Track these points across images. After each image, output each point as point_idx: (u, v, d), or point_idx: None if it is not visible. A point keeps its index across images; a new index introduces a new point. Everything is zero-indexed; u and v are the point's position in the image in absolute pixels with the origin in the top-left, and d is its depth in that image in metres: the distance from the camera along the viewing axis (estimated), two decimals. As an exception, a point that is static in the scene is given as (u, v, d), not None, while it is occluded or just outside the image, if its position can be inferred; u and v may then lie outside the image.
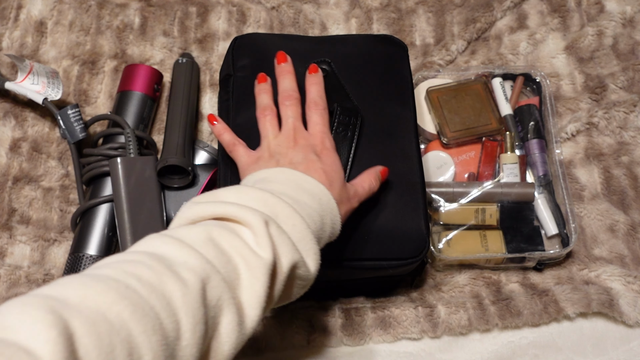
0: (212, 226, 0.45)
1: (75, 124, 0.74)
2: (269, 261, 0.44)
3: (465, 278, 0.73)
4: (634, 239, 0.75)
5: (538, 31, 0.88)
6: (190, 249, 0.41)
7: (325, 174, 0.54)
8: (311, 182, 0.52)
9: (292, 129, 0.58)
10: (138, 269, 0.38)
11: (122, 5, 0.90)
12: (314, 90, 0.61)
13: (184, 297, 0.39)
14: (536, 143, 0.77)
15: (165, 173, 0.73)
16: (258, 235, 0.45)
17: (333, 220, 0.53)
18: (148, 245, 0.42)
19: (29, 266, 0.74)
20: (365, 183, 0.58)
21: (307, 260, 0.48)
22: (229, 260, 0.43)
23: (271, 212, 0.47)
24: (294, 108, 0.59)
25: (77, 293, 0.35)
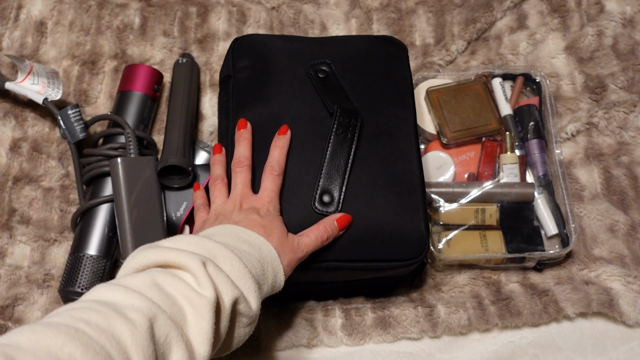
0: (155, 272, 0.47)
1: (75, 124, 0.74)
2: (212, 299, 0.46)
3: (465, 278, 0.73)
4: (634, 239, 0.75)
5: (538, 31, 0.88)
6: (135, 293, 0.44)
7: (264, 227, 0.57)
8: (250, 234, 0.55)
9: (238, 195, 0.61)
10: (86, 314, 0.40)
11: (122, 5, 0.90)
12: (276, 154, 0.63)
13: (133, 335, 0.40)
14: (536, 143, 0.77)
15: (166, 173, 0.73)
16: (198, 277, 0.47)
17: (275, 269, 0.55)
18: (95, 294, 0.44)
19: (29, 266, 0.74)
20: (311, 233, 0.59)
21: (248, 297, 0.50)
22: (174, 301, 0.45)
23: (209, 254, 0.50)
24: (243, 175, 0.62)
25: (28, 338, 0.37)
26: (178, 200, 0.73)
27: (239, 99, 0.68)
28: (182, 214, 0.73)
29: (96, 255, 0.70)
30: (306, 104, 0.66)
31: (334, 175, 0.63)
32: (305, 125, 0.65)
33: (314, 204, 0.62)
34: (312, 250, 0.59)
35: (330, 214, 0.61)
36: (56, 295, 0.72)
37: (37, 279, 0.72)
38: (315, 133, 0.65)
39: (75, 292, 0.68)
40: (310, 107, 0.66)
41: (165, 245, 0.51)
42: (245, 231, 0.55)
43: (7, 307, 0.70)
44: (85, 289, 0.68)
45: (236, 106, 0.68)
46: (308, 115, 0.66)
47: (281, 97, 0.67)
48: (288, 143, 0.64)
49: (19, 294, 0.71)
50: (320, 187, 0.62)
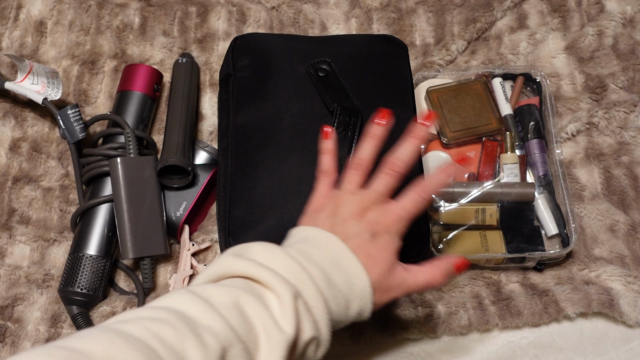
0: (240, 290, 0.44)
1: (75, 124, 0.74)
2: (291, 337, 0.44)
3: (465, 278, 0.73)
4: (634, 239, 0.75)
5: (538, 31, 0.88)
6: (215, 313, 0.41)
7: (369, 257, 0.51)
8: (352, 264, 0.50)
9: (370, 198, 0.53)
10: (162, 329, 0.39)
11: (122, 5, 0.90)
12: (437, 178, 0.54)
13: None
14: (536, 143, 0.77)
15: (165, 173, 0.72)
16: (285, 308, 0.44)
17: (362, 307, 0.50)
18: (175, 301, 0.43)
19: (28, 266, 0.74)
20: (420, 276, 0.53)
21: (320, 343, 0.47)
22: (251, 329, 0.43)
23: (299, 285, 0.46)
24: (389, 180, 0.54)
25: (101, 349, 0.36)
26: (178, 200, 0.73)
27: (239, 98, 0.68)
28: (181, 213, 0.73)
29: (96, 255, 0.70)
30: (306, 103, 0.66)
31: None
32: (305, 124, 0.65)
33: (314, 203, 0.62)
34: (415, 292, 0.54)
35: None
36: (56, 295, 0.72)
37: (36, 279, 0.72)
38: (315, 131, 0.65)
39: (75, 292, 0.68)
40: (311, 105, 0.66)
41: (258, 258, 0.47)
42: (347, 256, 0.50)
43: (6, 307, 0.70)
44: (85, 289, 0.68)
45: (236, 105, 0.68)
46: (308, 113, 0.66)
47: (281, 96, 0.67)
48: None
49: (19, 294, 0.71)
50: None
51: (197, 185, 0.74)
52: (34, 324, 0.70)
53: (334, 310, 0.48)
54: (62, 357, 0.33)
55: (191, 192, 0.73)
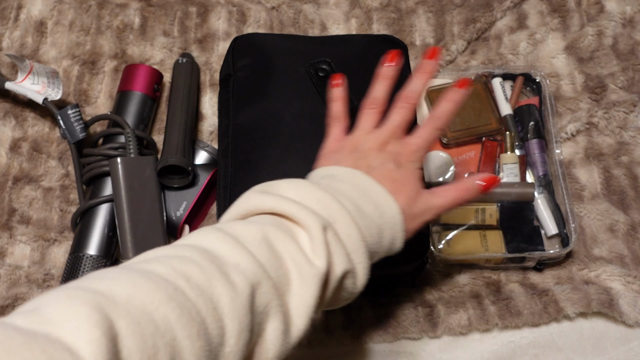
0: (268, 225, 0.43)
1: (75, 124, 0.74)
2: (323, 270, 0.43)
3: (465, 278, 0.73)
4: (634, 239, 0.75)
5: (538, 31, 0.88)
6: (243, 250, 0.40)
7: (394, 182, 0.51)
8: (379, 191, 0.49)
9: (388, 132, 0.54)
10: (188, 268, 0.38)
11: (122, 5, 0.90)
12: (447, 108, 0.55)
13: (232, 302, 0.38)
14: (536, 143, 0.77)
15: (166, 173, 0.73)
16: (315, 242, 0.43)
17: (394, 235, 0.50)
18: (202, 239, 0.41)
19: (29, 266, 0.74)
20: (447, 194, 0.53)
21: (357, 273, 0.46)
22: (281, 264, 0.42)
23: (329, 216, 0.45)
24: (405, 113, 0.55)
25: (125, 291, 0.34)
26: (178, 200, 0.73)
27: (240, 98, 0.68)
28: (182, 213, 0.73)
29: (96, 255, 0.70)
30: (306, 103, 0.66)
31: None
32: (305, 124, 0.65)
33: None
34: (442, 213, 0.53)
35: None
36: (56, 295, 0.72)
37: (37, 279, 0.72)
38: (315, 131, 0.65)
39: (75, 292, 0.68)
40: (310, 105, 0.66)
41: (285, 193, 0.46)
42: (374, 186, 0.49)
43: (7, 307, 0.70)
44: (85, 288, 0.68)
45: (236, 105, 0.68)
46: (308, 113, 0.66)
47: (281, 96, 0.67)
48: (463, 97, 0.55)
49: (19, 294, 0.71)
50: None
51: (197, 185, 0.74)
52: (34, 323, 0.70)
53: (368, 240, 0.47)
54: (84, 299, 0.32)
55: (191, 192, 0.74)
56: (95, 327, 0.31)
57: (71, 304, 0.32)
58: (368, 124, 0.55)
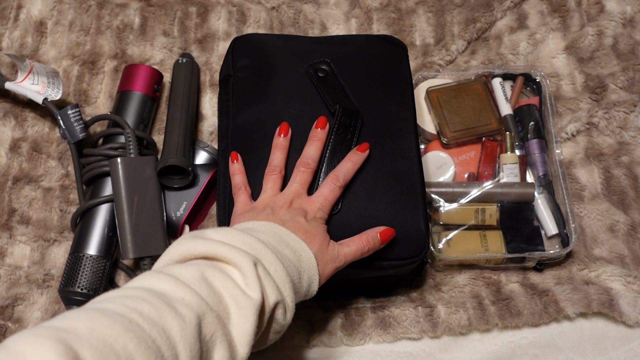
0: (204, 266, 0.47)
1: (75, 124, 0.74)
2: (258, 301, 0.46)
3: (465, 278, 0.73)
4: (634, 239, 0.75)
5: (538, 31, 0.88)
6: (186, 287, 0.44)
7: (307, 233, 0.56)
8: (294, 239, 0.54)
9: (292, 193, 0.59)
10: (139, 305, 0.41)
11: (122, 5, 0.90)
12: (347, 167, 0.61)
13: (182, 331, 0.41)
14: (536, 143, 0.77)
15: (166, 173, 0.73)
16: (247, 277, 0.47)
17: (310, 278, 0.54)
18: (145, 281, 0.45)
19: (29, 266, 0.74)
20: (352, 244, 0.59)
21: (287, 304, 0.50)
22: (220, 299, 0.45)
23: (256, 255, 0.49)
24: (305, 177, 0.60)
25: (85, 325, 0.37)
26: (178, 200, 0.73)
27: (239, 98, 0.68)
28: (182, 213, 0.73)
29: (96, 255, 0.70)
30: (306, 103, 0.66)
31: None
32: (305, 124, 0.65)
33: (314, 203, 0.62)
34: (351, 261, 0.58)
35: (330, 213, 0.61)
36: (56, 295, 0.72)
37: (37, 279, 0.72)
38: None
39: (75, 292, 0.68)
40: (310, 106, 0.66)
41: (214, 237, 0.50)
42: (289, 235, 0.55)
43: (7, 307, 0.70)
44: (85, 289, 0.68)
45: (236, 105, 0.68)
46: (308, 114, 0.66)
47: (281, 96, 0.67)
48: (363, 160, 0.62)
49: (19, 294, 0.71)
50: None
51: (197, 185, 0.74)
52: (34, 324, 0.70)
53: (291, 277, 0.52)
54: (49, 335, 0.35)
55: (191, 192, 0.74)
56: (61, 357, 0.33)
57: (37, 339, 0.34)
58: (272, 188, 0.61)
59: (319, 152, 0.62)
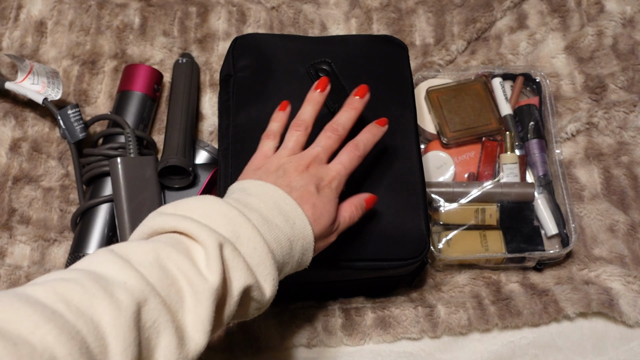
0: (163, 245, 0.45)
1: (75, 124, 0.74)
2: (215, 285, 0.44)
3: (465, 278, 0.73)
4: (634, 239, 0.75)
5: (538, 31, 0.88)
6: (131, 269, 0.42)
7: (314, 207, 0.53)
8: (291, 205, 0.51)
9: (312, 156, 0.55)
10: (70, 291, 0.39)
11: (122, 5, 0.90)
12: (366, 138, 0.58)
13: (115, 320, 0.39)
14: (536, 143, 0.77)
15: (166, 173, 0.73)
16: (210, 258, 0.45)
17: (304, 247, 0.52)
18: (92, 261, 0.43)
19: (29, 266, 0.74)
20: (346, 213, 0.56)
21: (263, 285, 0.48)
22: (173, 282, 0.43)
23: (233, 231, 0.47)
24: (330, 142, 0.57)
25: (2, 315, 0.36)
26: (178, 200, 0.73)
27: (240, 98, 0.68)
28: (182, 213, 0.73)
29: (96, 255, 0.70)
30: (306, 104, 0.66)
31: None
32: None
33: (314, 203, 0.62)
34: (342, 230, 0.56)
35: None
36: (56, 295, 0.72)
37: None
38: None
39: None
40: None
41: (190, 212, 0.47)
42: (287, 200, 0.51)
43: (7, 307, 0.70)
44: (85, 288, 0.68)
45: (237, 105, 0.68)
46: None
47: (282, 96, 0.67)
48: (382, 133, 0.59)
49: (19, 294, 0.71)
50: (321, 187, 0.62)
51: (197, 185, 0.74)
52: (34, 323, 0.70)
53: (278, 251, 0.49)
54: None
55: (192, 192, 0.74)
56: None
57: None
58: (294, 145, 0.57)
59: (353, 121, 0.58)
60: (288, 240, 0.50)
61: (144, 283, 0.41)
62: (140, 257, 0.43)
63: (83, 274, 0.40)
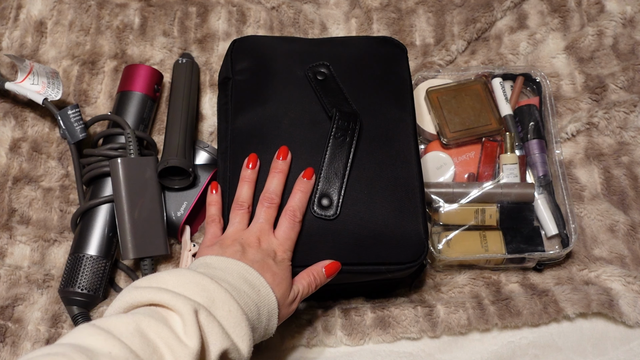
0: (141, 316, 0.47)
1: (75, 124, 0.74)
2: (195, 350, 0.46)
3: (465, 278, 0.73)
4: (634, 239, 0.75)
5: (538, 31, 0.88)
6: (115, 340, 0.43)
7: (274, 275, 0.57)
8: (253, 274, 0.55)
9: (260, 231, 0.60)
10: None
11: (122, 5, 0.90)
12: (298, 198, 0.62)
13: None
14: (536, 143, 0.77)
15: (166, 174, 0.73)
16: (187, 324, 0.47)
17: (270, 313, 0.56)
18: (76, 336, 0.44)
19: (29, 266, 0.74)
20: (304, 281, 0.60)
21: (239, 346, 0.50)
22: (154, 349, 0.45)
23: (208, 297, 0.50)
24: (270, 212, 0.61)
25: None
26: (178, 200, 0.73)
27: (238, 102, 0.68)
28: (182, 214, 0.73)
29: (96, 256, 0.70)
30: (305, 107, 0.66)
31: (333, 179, 0.62)
32: (304, 128, 0.65)
33: (312, 207, 0.62)
34: (303, 298, 0.60)
35: (329, 217, 0.61)
36: (56, 295, 0.72)
37: (37, 279, 0.72)
38: (314, 136, 0.65)
39: (75, 293, 0.68)
40: (309, 109, 0.66)
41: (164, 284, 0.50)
42: (249, 270, 0.56)
43: (7, 307, 0.71)
44: (85, 289, 0.68)
45: (235, 108, 0.68)
46: (307, 118, 0.66)
47: (280, 100, 0.67)
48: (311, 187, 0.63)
49: (19, 294, 0.71)
50: (319, 190, 0.62)
51: (197, 185, 0.74)
52: (34, 324, 0.70)
53: (249, 315, 0.53)
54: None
55: (192, 193, 0.74)
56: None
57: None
58: (241, 223, 0.61)
59: (282, 186, 0.62)
60: (255, 305, 0.54)
61: (127, 351, 0.43)
62: (121, 328, 0.45)
63: (69, 348, 0.42)
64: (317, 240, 0.61)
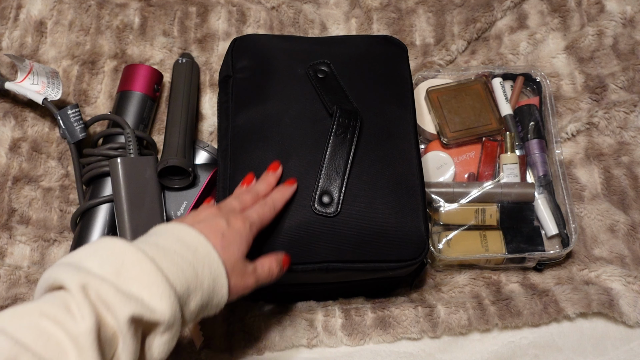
0: (42, 303, 0.44)
1: (75, 124, 0.74)
2: (90, 327, 0.43)
3: (465, 278, 0.73)
4: (634, 239, 0.75)
5: (538, 31, 0.88)
6: (2, 335, 0.41)
7: (223, 237, 0.53)
8: (191, 234, 0.52)
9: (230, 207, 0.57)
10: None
11: (122, 5, 0.90)
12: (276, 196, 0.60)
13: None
14: (536, 143, 0.77)
15: (166, 174, 0.73)
16: (76, 301, 0.44)
17: (213, 274, 0.51)
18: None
19: (28, 266, 0.74)
20: (265, 265, 0.57)
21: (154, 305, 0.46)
22: (49, 337, 0.42)
23: (115, 261, 0.47)
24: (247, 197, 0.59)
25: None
26: (178, 200, 0.73)
27: (239, 100, 0.68)
28: (182, 213, 0.73)
29: (96, 256, 0.70)
30: (305, 105, 0.66)
31: (334, 176, 0.62)
32: (304, 126, 0.65)
33: (313, 204, 0.62)
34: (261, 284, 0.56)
35: (330, 215, 0.61)
36: (56, 295, 0.72)
37: (36, 279, 0.72)
38: (314, 133, 0.65)
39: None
40: (310, 107, 0.66)
41: (70, 259, 0.48)
42: (188, 231, 0.52)
43: (6, 307, 0.70)
44: (85, 289, 0.68)
45: (236, 107, 0.68)
46: (307, 115, 0.66)
47: (281, 98, 0.67)
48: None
49: (19, 294, 0.71)
50: (320, 187, 0.62)
51: (197, 185, 0.74)
52: (34, 324, 0.70)
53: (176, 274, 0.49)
54: None
55: (192, 192, 0.74)
56: None
57: None
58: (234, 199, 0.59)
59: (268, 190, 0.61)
60: (190, 264, 0.50)
61: (12, 343, 0.41)
62: (15, 323, 0.43)
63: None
64: (317, 238, 0.61)
